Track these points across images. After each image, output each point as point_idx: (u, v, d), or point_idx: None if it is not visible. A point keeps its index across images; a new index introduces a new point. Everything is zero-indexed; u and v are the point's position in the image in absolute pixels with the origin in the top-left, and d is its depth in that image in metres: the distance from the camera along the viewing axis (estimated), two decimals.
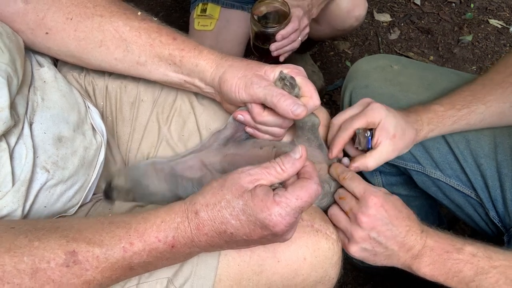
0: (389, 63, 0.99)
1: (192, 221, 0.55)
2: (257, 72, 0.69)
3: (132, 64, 0.74)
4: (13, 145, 0.62)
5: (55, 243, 0.51)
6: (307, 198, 0.55)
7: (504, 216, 0.86)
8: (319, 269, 0.70)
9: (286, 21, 1.06)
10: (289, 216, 0.54)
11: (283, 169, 0.57)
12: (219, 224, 0.55)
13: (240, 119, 0.73)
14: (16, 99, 0.65)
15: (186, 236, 0.55)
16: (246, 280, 0.69)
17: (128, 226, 0.55)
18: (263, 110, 0.70)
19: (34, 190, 0.64)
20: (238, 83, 0.68)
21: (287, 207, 0.54)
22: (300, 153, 0.58)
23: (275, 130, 0.73)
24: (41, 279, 0.50)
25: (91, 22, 0.72)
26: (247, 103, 0.70)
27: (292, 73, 0.68)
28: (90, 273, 0.52)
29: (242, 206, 0.54)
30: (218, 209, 0.55)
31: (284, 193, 0.55)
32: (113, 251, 0.53)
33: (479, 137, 0.87)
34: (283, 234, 0.56)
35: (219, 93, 0.73)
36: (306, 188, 0.55)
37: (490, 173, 0.85)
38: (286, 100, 0.64)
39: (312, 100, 0.68)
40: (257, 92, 0.66)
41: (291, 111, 0.64)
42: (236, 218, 0.54)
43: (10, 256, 0.49)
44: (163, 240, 0.55)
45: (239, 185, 0.55)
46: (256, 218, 0.54)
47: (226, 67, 0.70)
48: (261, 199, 0.54)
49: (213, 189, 0.57)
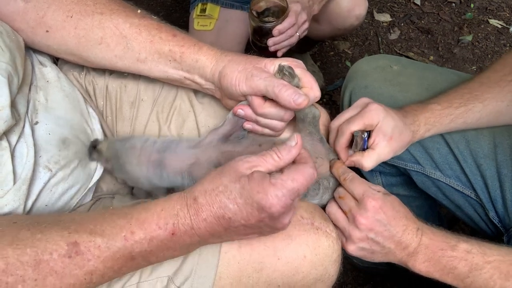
0: (388, 64, 1.00)
1: (191, 207, 0.56)
2: (257, 65, 0.69)
3: (132, 61, 0.74)
4: (14, 143, 0.62)
5: (57, 235, 0.52)
6: (302, 180, 0.56)
7: (503, 216, 0.86)
8: (319, 267, 0.71)
9: (283, 16, 1.06)
10: (285, 197, 0.55)
11: (279, 156, 0.59)
12: (217, 209, 0.56)
13: (240, 114, 0.73)
14: (17, 98, 0.65)
15: (186, 223, 0.56)
16: (246, 278, 0.69)
17: (129, 216, 0.56)
18: (264, 101, 0.70)
19: (37, 189, 0.65)
20: (239, 76, 0.68)
21: (282, 188, 0.55)
22: (296, 141, 0.60)
23: (275, 123, 0.73)
24: (44, 270, 0.50)
25: (91, 19, 0.72)
26: (247, 96, 0.70)
27: (291, 65, 0.69)
28: (92, 263, 0.53)
29: (239, 190, 0.55)
30: (216, 193, 0.56)
31: (280, 176, 0.56)
32: (115, 241, 0.54)
33: (479, 137, 0.87)
34: (279, 216, 0.57)
35: (219, 89, 0.74)
36: (302, 171, 0.57)
37: (490, 173, 0.85)
38: (288, 90, 0.64)
39: (313, 91, 0.69)
40: (258, 84, 0.67)
41: (292, 100, 0.64)
42: (234, 201, 0.55)
43: (13, 248, 0.50)
44: (163, 227, 0.56)
45: (237, 170, 0.57)
46: (252, 200, 0.55)
47: (226, 62, 0.70)
48: (258, 182, 0.55)
49: (211, 177, 0.58)
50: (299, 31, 1.11)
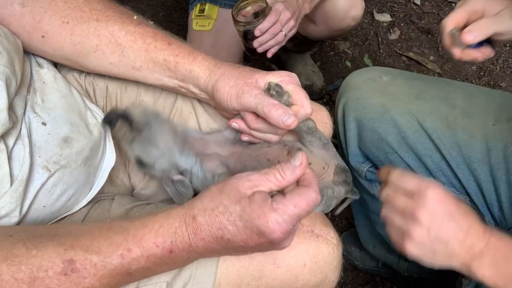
0: (378, 75, 1.00)
1: (189, 226, 0.55)
2: (248, 80, 0.69)
3: (127, 68, 0.75)
4: (11, 146, 0.62)
5: (52, 251, 0.51)
6: (305, 206, 0.54)
7: (500, 219, 0.85)
8: (318, 274, 0.71)
9: (261, 16, 1.07)
10: (286, 224, 0.53)
11: (282, 176, 0.56)
12: (216, 230, 0.54)
13: (234, 127, 0.74)
14: (15, 100, 0.65)
15: (184, 241, 0.55)
16: (245, 286, 0.69)
17: (126, 232, 0.55)
18: (256, 117, 0.70)
19: (34, 190, 0.65)
20: (230, 92, 0.68)
21: (284, 214, 0.53)
22: (301, 160, 0.57)
23: (269, 136, 0.73)
24: (39, 287, 0.50)
25: (87, 26, 0.72)
26: (239, 111, 0.70)
27: (284, 81, 0.68)
28: (88, 280, 0.52)
29: (240, 212, 0.53)
30: (216, 214, 0.54)
31: (282, 200, 0.54)
32: (111, 258, 0.53)
33: (471, 142, 0.86)
34: (279, 241, 0.55)
35: (213, 100, 0.74)
36: (304, 196, 0.54)
37: (484, 177, 0.85)
38: (277, 111, 0.64)
39: (304, 109, 0.68)
40: (249, 102, 0.66)
41: (281, 121, 0.64)
42: (233, 224, 0.54)
43: (8, 265, 0.49)
44: (161, 245, 0.55)
45: (237, 190, 0.55)
46: (252, 224, 0.53)
47: (218, 75, 0.70)
48: (259, 205, 0.53)
49: (211, 194, 0.56)
50: (285, 30, 1.10)
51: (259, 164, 0.58)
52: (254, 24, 1.07)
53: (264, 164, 0.75)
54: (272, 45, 1.12)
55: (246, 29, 1.09)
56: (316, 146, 0.77)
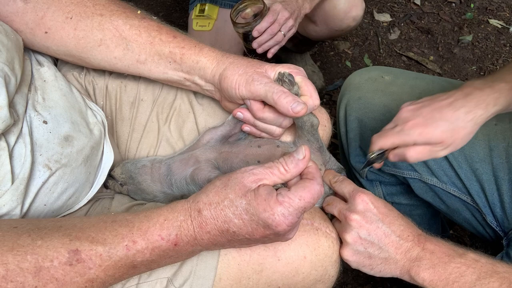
0: (380, 74, 1.00)
1: (195, 220, 0.56)
2: (258, 69, 0.69)
3: (132, 62, 0.74)
4: (13, 144, 0.62)
5: (58, 242, 0.52)
6: (309, 198, 0.55)
7: (502, 220, 0.85)
8: (319, 268, 0.71)
9: (258, 16, 1.07)
10: (292, 216, 0.54)
11: (286, 169, 0.57)
12: (222, 223, 0.55)
13: (239, 117, 0.73)
14: (15, 98, 0.65)
15: (189, 235, 0.56)
16: (246, 279, 0.69)
17: (131, 225, 0.56)
18: (263, 106, 0.70)
19: (35, 188, 0.65)
20: (239, 80, 0.68)
21: (290, 207, 0.54)
22: (304, 154, 0.58)
23: (273, 128, 0.73)
24: (44, 277, 0.50)
25: (91, 21, 0.72)
26: (246, 100, 0.70)
27: (292, 72, 0.69)
28: (93, 271, 0.52)
29: (245, 206, 0.54)
30: (221, 208, 0.55)
31: (287, 193, 0.55)
32: (116, 250, 0.53)
33: (473, 142, 0.86)
34: (285, 233, 0.57)
35: (219, 90, 0.74)
36: (309, 188, 0.55)
37: (486, 177, 0.85)
38: (287, 97, 0.64)
39: (312, 99, 0.68)
40: (258, 89, 0.66)
41: (291, 108, 0.64)
42: (239, 217, 0.55)
43: (13, 254, 0.49)
44: (166, 238, 0.55)
45: (242, 184, 0.56)
46: (258, 217, 0.54)
47: (227, 64, 0.70)
48: (264, 198, 0.54)
49: (216, 188, 0.57)
50: (284, 29, 1.11)
51: (248, 165, 0.58)
52: (252, 25, 1.07)
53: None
54: (271, 45, 1.12)
55: (245, 30, 1.09)
56: (313, 147, 0.78)
